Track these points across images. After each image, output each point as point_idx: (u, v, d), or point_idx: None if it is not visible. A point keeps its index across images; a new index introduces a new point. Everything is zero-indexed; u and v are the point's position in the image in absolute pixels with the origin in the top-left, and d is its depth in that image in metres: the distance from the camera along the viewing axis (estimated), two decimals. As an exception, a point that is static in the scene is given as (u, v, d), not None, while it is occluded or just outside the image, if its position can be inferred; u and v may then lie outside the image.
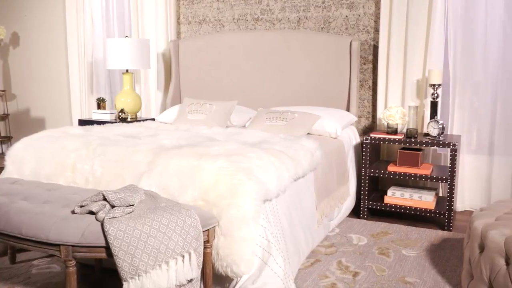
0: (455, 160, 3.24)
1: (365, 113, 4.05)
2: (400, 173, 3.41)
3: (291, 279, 2.21)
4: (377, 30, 3.92)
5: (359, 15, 3.97)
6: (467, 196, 3.77)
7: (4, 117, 5.71)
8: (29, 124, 5.68)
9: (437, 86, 3.51)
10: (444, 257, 2.80)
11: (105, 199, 1.93)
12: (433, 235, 3.19)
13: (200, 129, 3.29)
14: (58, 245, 1.86)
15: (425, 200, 3.39)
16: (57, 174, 2.58)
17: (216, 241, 2.09)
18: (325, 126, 3.40)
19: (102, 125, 3.44)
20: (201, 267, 1.96)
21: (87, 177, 2.48)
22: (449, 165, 3.27)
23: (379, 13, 3.84)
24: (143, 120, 4.27)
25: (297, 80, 4.06)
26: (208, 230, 2.04)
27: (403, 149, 3.51)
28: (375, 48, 3.95)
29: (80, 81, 5.11)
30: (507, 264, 1.99)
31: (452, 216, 3.28)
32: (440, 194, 3.78)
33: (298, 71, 4.05)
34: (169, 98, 4.49)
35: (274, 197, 2.28)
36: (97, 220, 1.88)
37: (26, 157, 2.73)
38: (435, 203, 3.43)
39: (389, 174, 3.44)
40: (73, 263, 1.87)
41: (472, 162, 3.73)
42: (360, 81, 4.03)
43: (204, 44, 4.41)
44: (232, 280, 2.12)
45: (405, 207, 3.42)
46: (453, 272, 2.60)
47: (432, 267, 2.67)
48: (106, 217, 1.84)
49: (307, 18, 4.15)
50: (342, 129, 3.48)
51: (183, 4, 4.68)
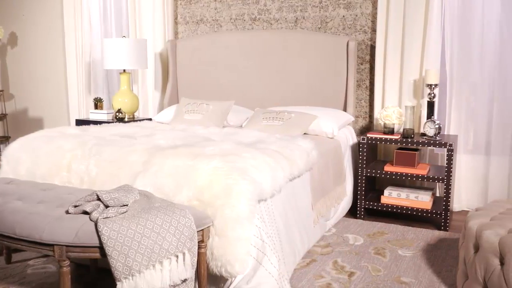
0: (452, 160, 3.24)
1: (362, 113, 4.05)
2: (396, 173, 3.41)
3: (285, 279, 2.21)
4: (374, 30, 3.92)
5: (356, 15, 3.97)
6: (464, 196, 3.77)
7: (2, 117, 5.70)
8: (27, 124, 5.68)
9: (433, 86, 3.51)
10: (440, 257, 2.80)
11: (99, 199, 1.93)
12: (430, 235, 3.18)
13: (197, 129, 3.28)
14: (52, 245, 1.86)
15: (421, 200, 3.39)
16: (52, 174, 2.58)
17: (211, 241, 2.09)
18: (322, 126, 3.40)
19: (98, 125, 3.43)
20: (195, 267, 1.96)
21: (82, 177, 2.48)
22: (445, 165, 3.27)
23: (376, 13, 3.83)
24: (140, 120, 4.27)
25: (294, 80, 4.06)
26: (202, 230, 2.04)
27: (399, 149, 3.51)
28: (372, 48, 3.94)
29: (78, 81, 5.11)
30: (501, 264, 1.99)
31: (448, 216, 3.28)
32: (437, 194, 3.78)
33: (295, 71, 4.05)
34: (167, 98, 4.49)
35: (269, 197, 2.28)
36: (91, 220, 1.88)
37: (22, 157, 2.72)
38: (431, 203, 3.43)
39: (385, 174, 3.44)
40: (67, 263, 1.87)
41: (469, 162, 3.73)
42: (357, 81, 4.03)
43: (201, 44, 4.41)
44: (227, 280, 2.12)
45: (402, 207, 3.42)
46: (448, 272, 2.60)
47: (428, 267, 2.67)
48: (100, 217, 1.84)
49: (304, 18, 4.15)
50: (338, 129, 3.48)
51: (180, 4, 4.68)
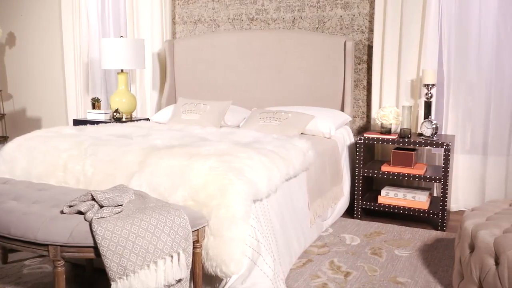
0: (449, 160, 3.24)
1: (359, 113, 4.05)
2: (393, 173, 3.41)
3: (281, 279, 2.21)
4: (371, 30, 3.92)
5: (353, 15, 3.97)
6: (461, 196, 3.76)
7: (1, 117, 5.70)
8: (25, 124, 5.68)
9: (431, 86, 3.51)
10: (436, 257, 2.80)
11: (93, 199, 1.93)
12: (427, 235, 3.18)
13: (193, 129, 3.28)
14: (46, 245, 1.86)
15: (418, 200, 3.39)
16: (48, 174, 2.57)
17: (206, 241, 2.08)
18: (319, 126, 3.40)
19: (95, 125, 3.43)
20: (190, 267, 1.95)
21: (78, 177, 2.48)
22: (442, 165, 3.27)
23: (374, 13, 3.83)
24: (137, 120, 4.27)
25: (292, 80, 4.06)
26: (197, 230, 2.04)
27: (397, 149, 3.51)
28: (370, 48, 3.94)
29: (76, 81, 5.11)
30: (496, 264, 1.99)
31: (445, 216, 3.28)
32: (435, 194, 3.77)
33: (292, 71, 4.05)
34: (164, 98, 4.49)
35: (264, 197, 2.28)
36: (85, 220, 1.87)
37: (18, 157, 2.72)
38: (428, 203, 3.43)
39: (383, 174, 3.44)
40: (61, 263, 1.87)
41: (466, 162, 3.73)
42: (355, 81, 4.03)
43: (199, 44, 4.41)
44: (222, 280, 2.12)
45: (399, 207, 3.42)
46: (445, 272, 2.60)
47: (424, 267, 2.66)
48: (94, 217, 1.84)
49: (302, 18, 4.15)
50: (335, 129, 3.48)
51: (178, 4, 4.67)
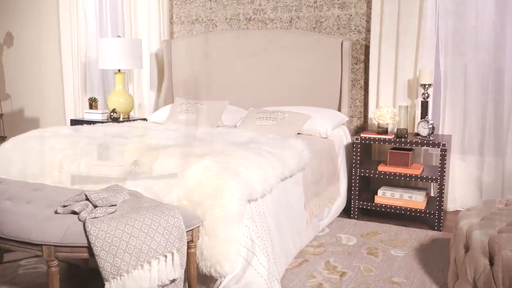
0: (445, 160, 3.24)
1: (357, 113, 4.05)
2: (390, 173, 3.41)
3: (275, 279, 2.21)
4: (368, 30, 3.92)
5: (350, 15, 3.96)
6: (458, 196, 3.76)
7: (-2, 117, 5.71)
8: (23, 124, 5.67)
9: (427, 86, 3.51)
10: (433, 257, 2.80)
11: (87, 199, 1.93)
12: (423, 235, 3.18)
13: (190, 129, 3.28)
14: (40, 245, 1.85)
15: (415, 200, 3.39)
16: (44, 174, 2.57)
17: (200, 241, 2.08)
18: (316, 126, 3.40)
19: (92, 125, 3.43)
20: (184, 267, 1.95)
21: (73, 177, 2.48)
22: (439, 165, 3.27)
23: (371, 13, 3.83)
24: (134, 120, 4.27)
25: (289, 80, 4.05)
26: (192, 230, 2.04)
27: (393, 149, 3.51)
28: (367, 48, 3.94)
29: (74, 81, 5.11)
30: (491, 264, 1.99)
31: (442, 216, 3.28)
32: (431, 194, 3.77)
33: (290, 71, 4.04)
34: (162, 98, 4.49)
35: (259, 197, 2.28)
36: (79, 220, 1.87)
37: (14, 157, 2.72)
38: (425, 203, 3.43)
39: (379, 174, 3.44)
40: (55, 263, 1.86)
41: (463, 162, 3.73)
42: (352, 81, 4.03)
43: (196, 44, 4.40)
44: (216, 280, 2.12)
45: (396, 207, 3.42)
46: (440, 272, 2.59)
47: (420, 267, 2.66)
48: (88, 217, 1.84)
49: (299, 18, 4.15)
50: (332, 129, 3.47)
51: (176, 4, 4.67)
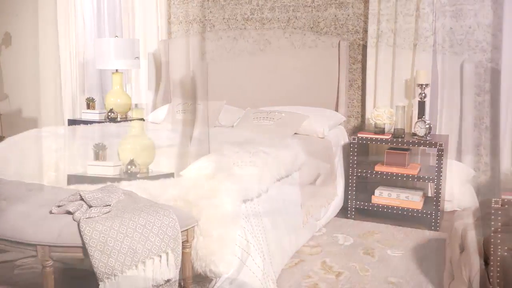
0: (442, 160, 3.23)
1: (354, 113, 4.05)
2: (387, 173, 3.41)
3: (271, 279, 2.21)
4: (365, 30, 3.91)
5: (348, 15, 3.96)
6: (455, 196, 3.75)
7: (-4, 117, 5.70)
8: (21, 124, 5.67)
9: (424, 86, 3.51)
10: (429, 257, 2.80)
11: (82, 199, 1.93)
12: (420, 235, 3.18)
13: (187, 129, 3.28)
14: (34, 245, 1.85)
15: (412, 200, 3.39)
16: (40, 174, 2.57)
17: (195, 241, 2.08)
18: (313, 126, 3.40)
19: (89, 125, 3.43)
20: (179, 267, 1.95)
21: (69, 177, 2.48)
22: (436, 165, 3.27)
23: (368, 13, 3.83)
24: (131, 120, 4.25)
25: (287, 80, 4.05)
26: (187, 230, 2.04)
27: (390, 149, 3.51)
28: (364, 48, 3.94)
29: (72, 81, 5.10)
30: (486, 264, 1.98)
31: (439, 216, 3.28)
32: (428, 194, 3.77)
33: (287, 71, 4.04)
34: (159, 98, 4.49)
35: (255, 197, 2.28)
36: (74, 220, 1.87)
37: (10, 157, 2.72)
38: (422, 203, 3.43)
39: (376, 174, 3.44)
40: (50, 263, 1.86)
41: (460, 162, 3.72)
42: (350, 81, 4.03)
43: (194, 44, 4.40)
44: (211, 280, 2.12)
45: (393, 207, 3.42)
46: (436, 272, 2.59)
47: (416, 267, 2.66)
48: (82, 217, 1.84)
49: (296, 18, 4.15)
50: (329, 129, 3.47)
51: (173, 3, 4.67)
